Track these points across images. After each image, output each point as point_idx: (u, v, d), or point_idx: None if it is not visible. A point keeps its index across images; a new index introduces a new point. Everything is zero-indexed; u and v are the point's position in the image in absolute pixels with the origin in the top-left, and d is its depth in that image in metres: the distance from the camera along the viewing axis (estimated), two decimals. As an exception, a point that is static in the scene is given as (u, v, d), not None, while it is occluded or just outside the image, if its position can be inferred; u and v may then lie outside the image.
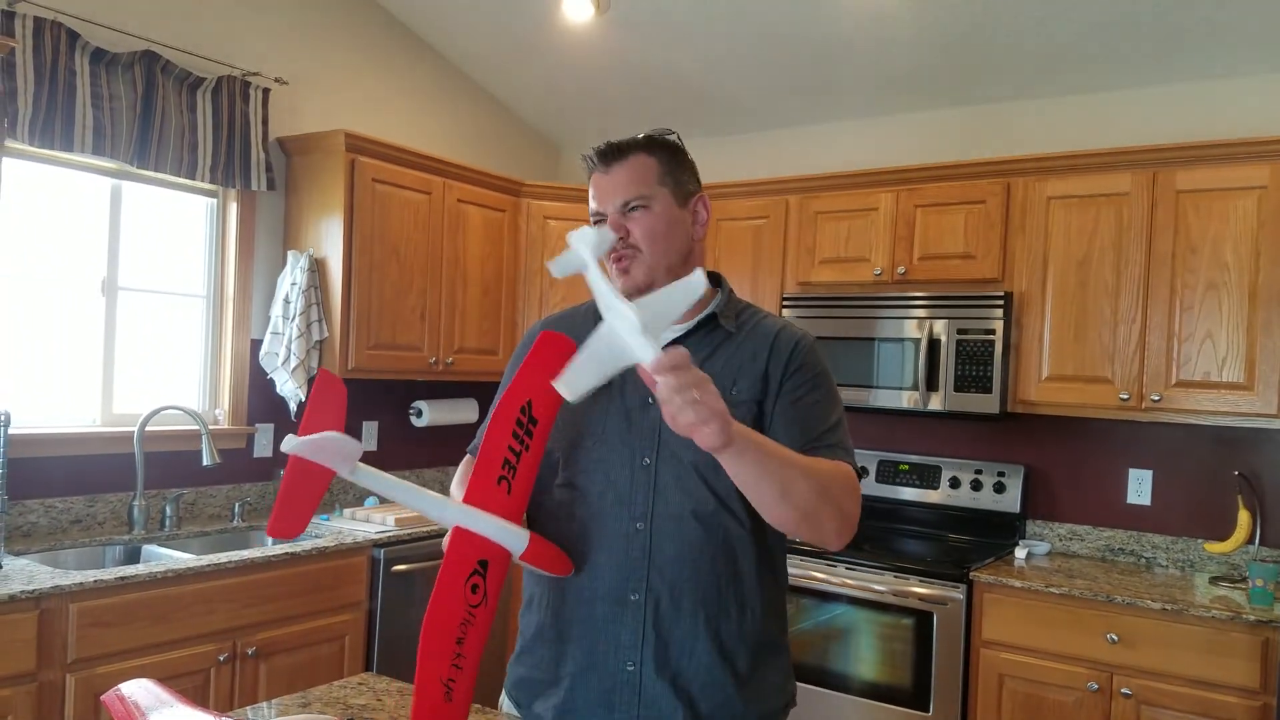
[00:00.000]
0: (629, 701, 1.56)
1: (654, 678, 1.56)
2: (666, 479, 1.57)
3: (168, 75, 3.39)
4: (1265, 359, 3.19)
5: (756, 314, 1.73)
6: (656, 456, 1.58)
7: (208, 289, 3.77)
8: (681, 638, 1.56)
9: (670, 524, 1.56)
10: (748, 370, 1.62)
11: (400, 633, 3.55)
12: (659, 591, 1.56)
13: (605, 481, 1.60)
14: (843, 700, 3.52)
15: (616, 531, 1.58)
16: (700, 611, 1.56)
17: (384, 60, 4.32)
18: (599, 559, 1.58)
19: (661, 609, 1.56)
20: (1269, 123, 3.47)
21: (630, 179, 1.62)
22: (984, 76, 3.92)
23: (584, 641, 1.59)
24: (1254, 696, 2.91)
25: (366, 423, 4.28)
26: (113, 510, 3.38)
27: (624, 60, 4.27)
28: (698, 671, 1.57)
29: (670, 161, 1.66)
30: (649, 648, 1.56)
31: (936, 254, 3.79)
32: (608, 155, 1.64)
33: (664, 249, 1.62)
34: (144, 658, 2.76)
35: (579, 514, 1.60)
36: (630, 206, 1.61)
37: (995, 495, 3.88)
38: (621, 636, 1.57)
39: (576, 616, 1.60)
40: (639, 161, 1.63)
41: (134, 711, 1.35)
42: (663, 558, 1.56)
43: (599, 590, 1.58)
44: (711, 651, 1.57)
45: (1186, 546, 3.60)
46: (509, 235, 4.46)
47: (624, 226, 1.60)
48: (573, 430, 1.63)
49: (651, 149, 1.65)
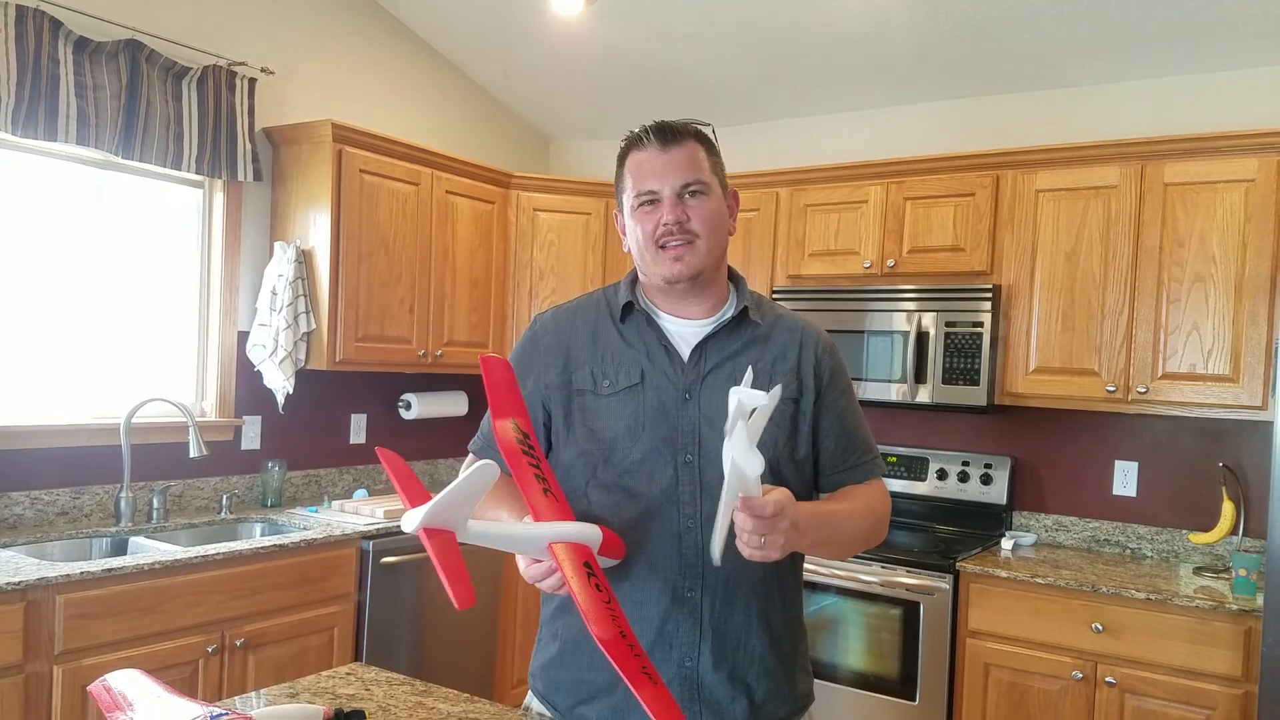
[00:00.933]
0: (688, 697, 1.55)
1: (711, 672, 1.56)
2: (711, 476, 1.54)
3: (152, 65, 3.37)
4: (1250, 351, 3.21)
5: (773, 307, 1.73)
6: (699, 453, 1.56)
7: (194, 280, 3.76)
8: (736, 630, 1.57)
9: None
10: (780, 368, 1.63)
11: (389, 624, 3.55)
12: (714, 588, 1.55)
13: (650, 480, 1.57)
14: (831, 690, 3.53)
15: (668, 530, 1.56)
16: (753, 603, 1.58)
17: (372, 50, 4.30)
18: (653, 558, 1.56)
19: (717, 605, 1.56)
20: (1257, 116, 3.49)
21: (690, 162, 1.59)
22: (974, 70, 3.93)
23: (642, 638, 1.55)
24: (1236, 685, 2.93)
25: (355, 415, 4.28)
26: (99, 502, 3.37)
27: (614, 52, 4.27)
28: (752, 661, 1.58)
29: (714, 154, 1.64)
30: (706, 643, 1.55)
31: (925, 247, 3.80)
32: (666, 135, 1.59)
33: (717, 239, 1.61)
34: (132, 649, 2.76)
35: (627, 514, 1.57)
36: (690, 189, 1.57)
37: (982, 487, 3.90)
38: (679, 634, 1.56)
39: (631, 616, 1.56)
40: (694, 147, 1.60)
41: (120, 701, 1.34)
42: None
43: (654, 589, 1.56)
44: (764, 640, 1.59)
45: (1171, 537, 3.62)
46: (498, 227, 4.45)
47: (683, 210, 1.57)
48: (608, 429, 1.60)
49: (700, 138, 1.62)
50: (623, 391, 1.60)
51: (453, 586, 1.20)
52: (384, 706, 1.67)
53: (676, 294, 1.63)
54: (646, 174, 1.59)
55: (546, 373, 1.66)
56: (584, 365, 1.64)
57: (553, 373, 1.65)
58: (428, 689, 1.77)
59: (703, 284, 1.62)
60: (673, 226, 1.56)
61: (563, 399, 1.64)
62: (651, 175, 1.58)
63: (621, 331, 1.64)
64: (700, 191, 1.58)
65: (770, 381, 1.59)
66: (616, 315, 1.66)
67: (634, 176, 1.61)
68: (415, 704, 1.69)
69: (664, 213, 1.57)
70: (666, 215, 1.57)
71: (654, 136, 1.59)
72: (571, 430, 1.64)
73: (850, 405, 1.68)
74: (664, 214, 1.57)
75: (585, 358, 1.64)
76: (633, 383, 1.60)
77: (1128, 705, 3.08)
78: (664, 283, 1.61)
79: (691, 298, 1.63)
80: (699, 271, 1.59)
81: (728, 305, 1.67)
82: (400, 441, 4.48)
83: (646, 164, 1.59)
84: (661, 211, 1.57)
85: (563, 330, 1.69)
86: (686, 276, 1.58)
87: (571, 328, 1.69)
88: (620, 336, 1.63)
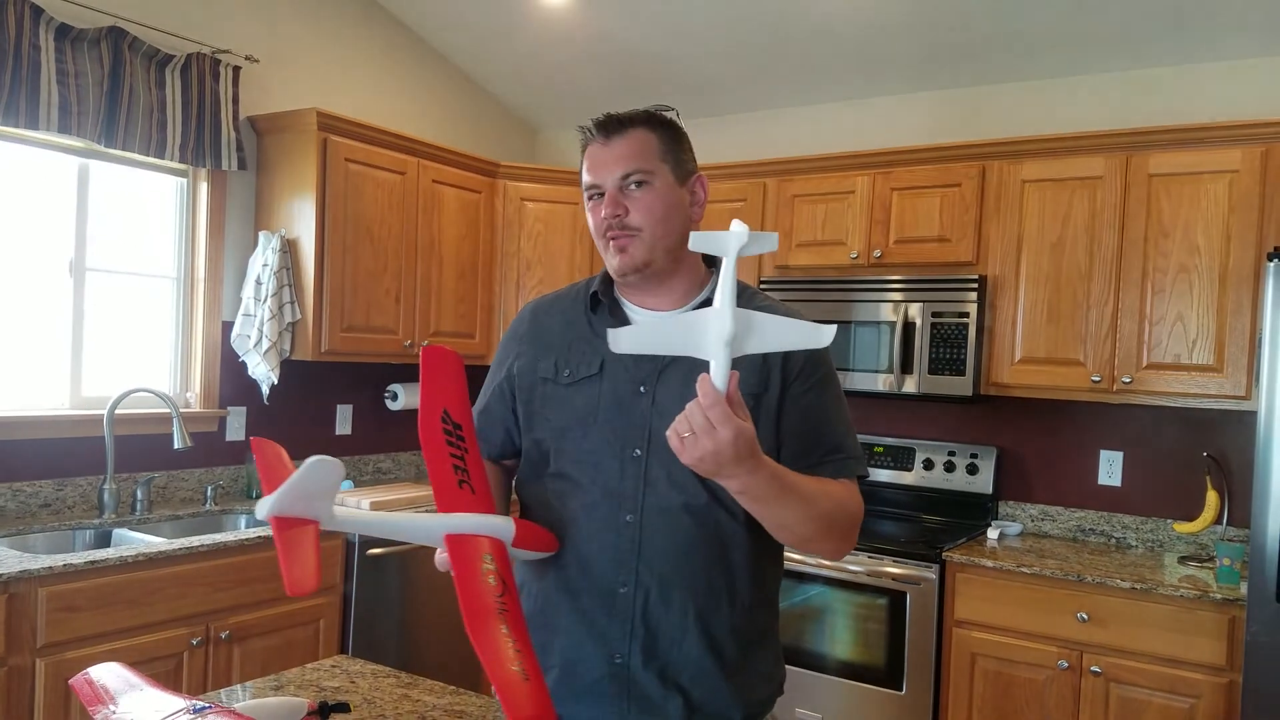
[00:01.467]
0: (619, 692, 1.53)
1: (641, 669, 1.52)
2: (657, 471, 1.52)
3: (135, 52, 3.34)
4: (1234, 341, 3.22)
5: (756, 296, 1.66)
6: (648, 448, 1.53)
7: (178, 270, 3.73)
8: (670, 630, 1.52)
9: (661, 517, 1.52)
10: (747, 359, 1.50)
11: (375, 617, 3.54)
12: (648, 585, 1.52)
13: (595, 472, 1.55)
14: (818, 679, 3.54)
15: (607, 524, 1.53)
16: (690, 604, 1.53)
17: (357, 39, 4.27)
18: (588, 551, 1.54)
19: (650, 602, 1.52)
20: (1241, 107, 3.50)
21: (630, 152, 1.55)
22: (961, 60, 3.92)
23: (572, 633, 1.55)
24: (1220, 674, 2.95)
25: (341, 406, 4.26)
26: (83, 494, 3.34)
27: (601, 41, 4.25)
28: (686, 663, 1.53)
29: (670, 139, 1.60)
30: (637, 640, 1.52)
31: (912, 237, 3.80)
32: (608, 127, 1.57)
33: (664, 229, 1.56)
34: (115, 642, 2.74)
35: (570, 505, 1.56)
36: (630, 181, 1.54)
37: (968, 476, 3.91)
38: (610, 629, 1.53)
39: (564, 607, 1.56)
40: (640, 136, 1.57)
41: (102, 695, 1.33)
42: (652, 551, 1.52)
43: (587, 582, 1.54)
44: (700, 644, 1.53)
45: (1156, 527, 3.64)
46: (485, 217, 4.43)
47: (622, 204, 1.54)
48: (562, 418, 1.59)
49: (652, 124, 1.59)
50: (581, 381, 1.58)
51: (287, 572, 1.21)
52: (369, 699, 1.66)
53: (632, 286, 1.61)
54: (591, 167, 1.58)
55: (518, 360, 1.67)
56: (551, 354, 1.63)
57: (523, 360, 1.66)
58: (413, 681, 1.76)
59: (657, 276, 1.58)
60: (611, 220, 1.54)
61: (527, 385, 1.65)
62: (594, 168, 1.57)
63: (591, 321, 1.63)
64: (641, 181, 1.55)
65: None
66: (588, 305, 1.65)
67: (585, 169, 1.60)
68: (401, 696, 1.68)
69: (603, 207, 1.55)
70: (605, 209, 1.55)
71: (596, 130, 1.58)
72: (531, 417, 1.64)
73: (821, 401, 1.58)
74: (603, 208, 1.55)
75: (555, 347, 1.64)
76: (591, 373, 1.58)
77: (1113, 694, 3.09)
78: (615, 275, 1.59)
79: (652, 289, 1.60)
80: (645, 263, 1.55)
81: (700, 295, 1.62)
82: (387, 432, 4.47)
83: (592, 158, 1.58)
84: (604, 205, 1.56)
85: (540, 319, 1.70)
86: (631, 269, 1.55)
87: (549, 317, 1.69)
88: (589, 326, 1.62)
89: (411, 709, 1.63)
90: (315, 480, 1.23)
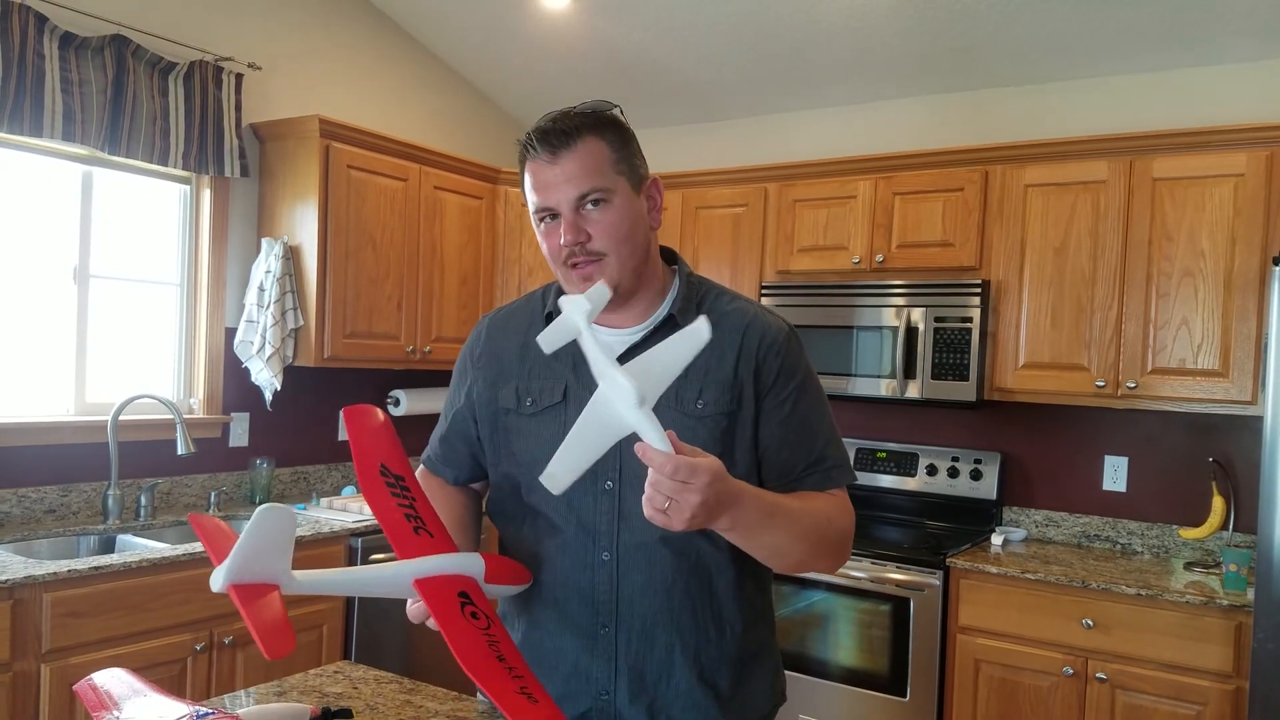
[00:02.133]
0: None
1: (629, 705, 1.48)
2: (631, 505, 1.44)
3: (139, 60, 3.35)
4: (1240, 346, 3.21)
5: (721, 299, 1.55)
6: (619, 479, 1.45)
7: (181, 276, 3.74)
8: (656, 667, 1.48)
9: (638, 553, 1.46)
10: (715, 376, 1.46)
11: (378, 622, 3.54)
12: (630, 624, 1.47)
13: (567, 509, 1.47)
14: (821, 686, 3.53)
15: (582, 562, 1.47)
16: (676, 640, 1.48)
17: (359, 46, 4.28)
18: (565, 593, 1.49)
19: (633, 642, 1.47)
20: (1246, 111, 3.49)
21: (583, 169, 1.39)
22: (963, 64, 3.92)
23: (557, 672, 1.52)
24: (1227, 680, 2.94)
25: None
26: (87, 500, 3.34)
27: (602, 47, 4.25)
28: (677, 696, 1.49)
29: (620, 143, 1.44)
30: (623, 679, 1.48)
31: (915, 242, 3.79)
32: (553, 142, 1.39)
33: (629, 249, 1.42)
34: (120, 647, 2.74)
35: (545, 543, 1.50)
36: (587, 201, 1.40)
37: (972, 482, 3.90)
38: (593, 670, 1.49)
39: (546, 647, 1.52)
40: (590, 146, 1.40)
41: (106, 700, 1.33)
42: (631, 588, 1.46)
43: (567, 623, 1.50)
44: (690, 677, 1.48)
45: (1162, 532, 3.63)
46: (486, 223, 4.44)
47: (582, 228, 1.40)
48: (528, 451, 1.51)
49: (600, 130, 1.42)
50: (545, 411, 1.50)
51: (263, 640, 1.14)
52: (371, 705, 1.66)
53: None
54: (538, 188, 1.42)
55: (476, 385, 1.60)
56: (510, 380, 1.55)
57: (481, 385, 1.59)
58: (415, 687, 1.76)
59: (622, 296, 1.45)
60: (574, 248, 1.40)
61: (489, 415, 1.57)
62: (541, 189, 1.42)
63: None
64: (601, 199, 1.40)
65: (700, 397, 1.44)
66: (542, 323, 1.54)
67: (530, 188, 1.44)
68: (403, 702, 1.68)
69: (564, 233, 1.40)
70: (566, 235, 1.40)
71: (539, 145, 1.40)
72: (498, 450, 1.58)
73: (797, 411, 1.49)
74: (564, 235, 1.40)
75: (513, 372, 1.56)
76: (554, 401, 1.50)
77: (1119, 701, 3.08)
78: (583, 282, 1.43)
79: (615, 307, 1.47)
80: (615, 285, 1.40)
81: (663, 307, 1.51)
82: (389, 438, 4.46)
83: (537, 176, 1.42)
84: (559, 232, 1.41)
85: (495, 340, 1.62)
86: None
87: (504, 337, 1.60)
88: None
89: (414, 715, 1.62)
90: (266, 534, 1.16)
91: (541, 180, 1.42)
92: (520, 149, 1.45)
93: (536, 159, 1.42)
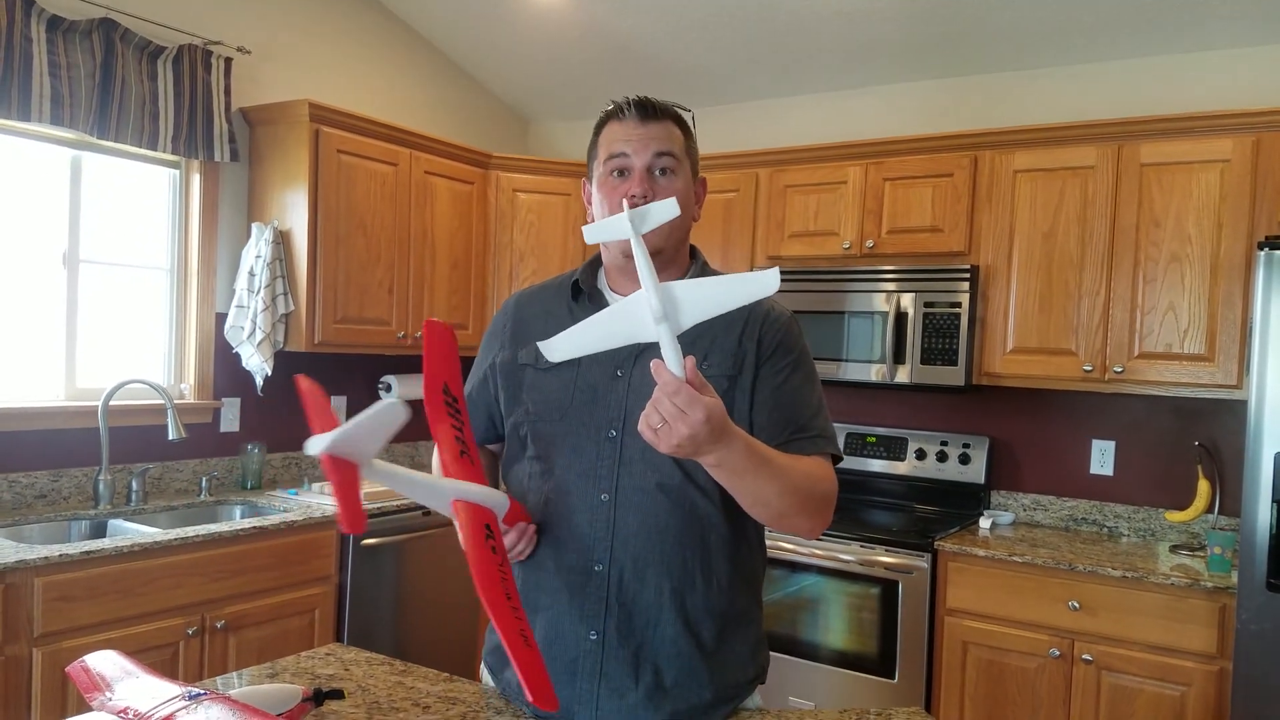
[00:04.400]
0: (591, 670, 1.55)
1: (617, 647, 1.55)
2: (632, 452, 1.54)
3: (127, 43, 3.33)
4: (1225, 331, 3.24)
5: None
6: (623, 429, 1.55)
7: (171, 261, 3.73)
8: (645, 608, 1.55)
9: (635, 496, 1.54)
10: (721, 342, 1.59)
11: (370, 607, 3.55)
12: (622, 562, 1.54)
13: (572, 455, 1.58)
14: (811, 668, 3.56)
15: (582, 504, 1.56)
16: (665, 583, 1.55)
17: (349, 29, 4.26)
18: (564, 530, 1.57)
19: (625, 580, 1.54)
20: (1232, 97, 3.51)
21: (667, 135, 1.60)
22: (953, 50, 3.93)
23: (550, 611, 1.58)
24: (1211, 661, 2.97)
25: (335, 397, 4.26)
26: (78, 485, 3.35)
27: (593, 32, 4.25)
28: (662, 643, 1.55)
29: (689, 138, 1.65)
30: (612, 618, 1.55)
31: (904, 227, 3.80)
32: (646, 109, 1.60)
33: (680, 220, 1.55)
34: (111, 631, 2.75)
35: (546, 486, 1.59)
36: (660, 163, 1.58)
37: (961, 466, 3.92)
38: (585, 607, 1.56)
39: (543, 587, 1.59)
40: (670, 126, 1.61)
41: (99, 682, 1.34)
42: (626, 530, 1.54)
43: (564, 561, 1.57)
44: (676, 623, 1.55)
45: (1148, 516, 3.66)
46: (478, 208, 4.43)
47: (648, 185, 1.56)
48: (540, 402, 1.62)
49: (679, 120, 1.64)
50: (559, 366, 1.60)
51: (343, 510, 1.25)
52: (363, 686, 1.67)
53: (626, 274, 1.63)
54: (623, 140, 1.59)
55: (500, 351, 1.71)
56: (531, 341, 1.62)
57: (505, 351, 1.70)
58: (407, 669, 1.78)
59: (662, 263, 1.58)
60: (639, 200, 1.53)
61: (508, 373, 1.68)
62: (628, 141, 1.58)
63: (572, 310, 1.65)
64: (670, 170, 1.59)
65: (706, 359, 1.57)
66: (570, 294, 1.68)
67: (608, 142, 1.61)
68: (395, 683, 1.70)
69: (632, 185, 1.56)
70: (635, 188, 1.55)
71: (634, 109, 1.60)
72: (511, 403, 1.67)
73: (790, 382, 1.60)
74: (632, 186, 1.56)
75: (535, 334, 1.61)
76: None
77: (1104, 682, 3.11)
78: (623, 257, 1.60)
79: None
80: (658, 249, 1.56)
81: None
82: (381, 423, 4.46)
83: (624, 132, 1.59)
84: (629, 184, 1.57)
85: (522, 309, 1.74)
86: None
87: (530, 308, 1.73)
88: (570, 315, 1.63)
89: (405, 695, 1.64)
90: (379, 422, 1.26)
91: (625, 135, 1.59)
92: (607, 112, 1.64)
93: (626, 119, 1.60)
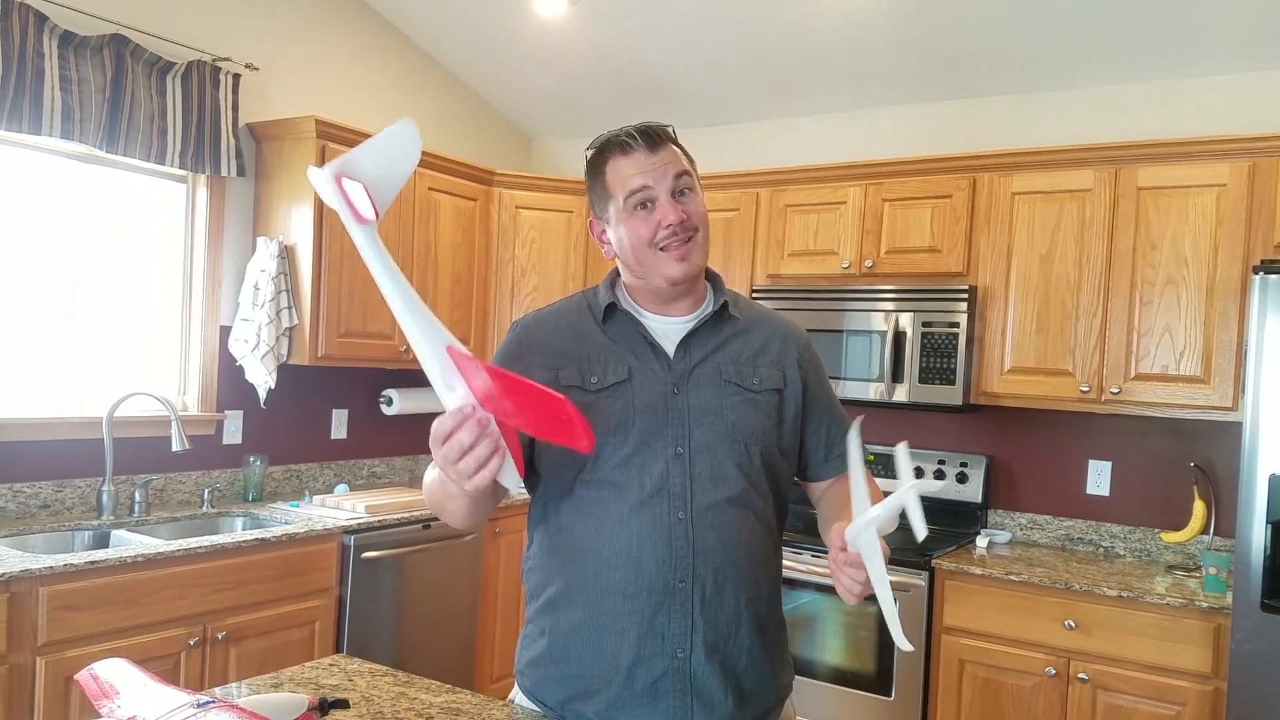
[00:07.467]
0: (677, 690, 1.56)
1: (703, 663, 1.56)
2: (701, 468, 1.58)
3: (137, 59, 3.37)
4: (1221, 353, 3.27)
5: (751, 305, 1.78)
6: (689, 446, 1.59)
7: (177, 274, 3.76)
8: (725, 621, 1.58)
9: (710, 512, 1.58)
10: (765, 359, 1.68)
11: (370, 619, 3.57)
12: (704, 578, 1.56)
13: (641, 474, 1.57)
14: (808, 685, 3.57)
15: (658, 522, 1.56)
16: (741, 594, 1.59)
17: (355, 47, 4.31)
18: (642, 551, 1.56)
19: (707, 595, 1.57)
20: (1229, 122, 3.55)
21: (676, 156, 1.62)
22: (952, 73, 3.97)
23: (631, 634, 1.56)
24: (1206, 681, 2.99)
25: (336, 410, 4.28)
26: (81, 495, 3.37)
27: (596, 52, 4.29)
28: (741, 652, 1.60)
29: (691, 158, 1.68)
30: (698, 634, 1.56)
31: (903, 248, 3.84)
32: (652, 136, 1.61)
33: (707, 232, 1.64)
34: (114, 641, 2.76)
35: (615, 509, 1.58)
36: (681, 185, 1.60)
37: (958, 485, 3.95)
38: (671, 625, 1.56)
39: (621, 610, 1.57)
40: (674, 147, 1.64)
41: (108, 690, 1.36)
42: (704, 545, 1.57)
43: (645, 583, 1.56)
44: (752, 631, 1.61)
45: (1144, 536, 3.68)
46: (480, 225, 4.47)
47: (680, 209, 1.58)
48: (600, 425, 1.57)
49: (678, 142, 1.66)
50: (611, 387, 1.61)
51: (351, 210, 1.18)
52: (367, 696, 1.69)
53: (672, 295, 1.64)
54: (639, 172, 1.59)
55: (532, 371, 1.60)
56: (571, 363, 1.62)
57: (539, 371, 1.60)
58: (410, 680, 1.79)
59: (694, 278, 1.64)
60: (676, 226, 1.57)
61: None
62: (645, 173, 1.59)
63: (605, 331, 1.65)
64: (690, 188, 1.62)
65: (754, 373, 1.65)
66: (599, 316, 1.66)
67: (621, 180, 1.60)
68: (398, 694, 1.71)
69: (666, 214, 1.58)
70: (670, 216, 1.57)
71: (641, 139, 1.60)
72: None
73: (830, 395, 1.78)
74: (666, 215, 1.58)
75: (572, 355, 1.64)
76: (620, 379, 1.61)
77: (1100, 701, 3.13)
78: (667, 284, 1.61)
79: (682, 296, 1.66)
80: (702, 268, 1.64)
81: (706, 302, 1.70)
82: (381, 437, 4.49)
83: (637, 164, 1.59)
84: (659, 213, 1.58)
85: (546, 329, 1.69)
86: (692, 275, 1.62)
87: (555, 327, 1.68)
88: (605, 335, 1.64)
89: (409, 706, 1.66)
90: (394, 148, 1.18)
91: (640, 168, 1.59)
92: (607, 147, 1.63)
93: (635, 151, 1.60)
